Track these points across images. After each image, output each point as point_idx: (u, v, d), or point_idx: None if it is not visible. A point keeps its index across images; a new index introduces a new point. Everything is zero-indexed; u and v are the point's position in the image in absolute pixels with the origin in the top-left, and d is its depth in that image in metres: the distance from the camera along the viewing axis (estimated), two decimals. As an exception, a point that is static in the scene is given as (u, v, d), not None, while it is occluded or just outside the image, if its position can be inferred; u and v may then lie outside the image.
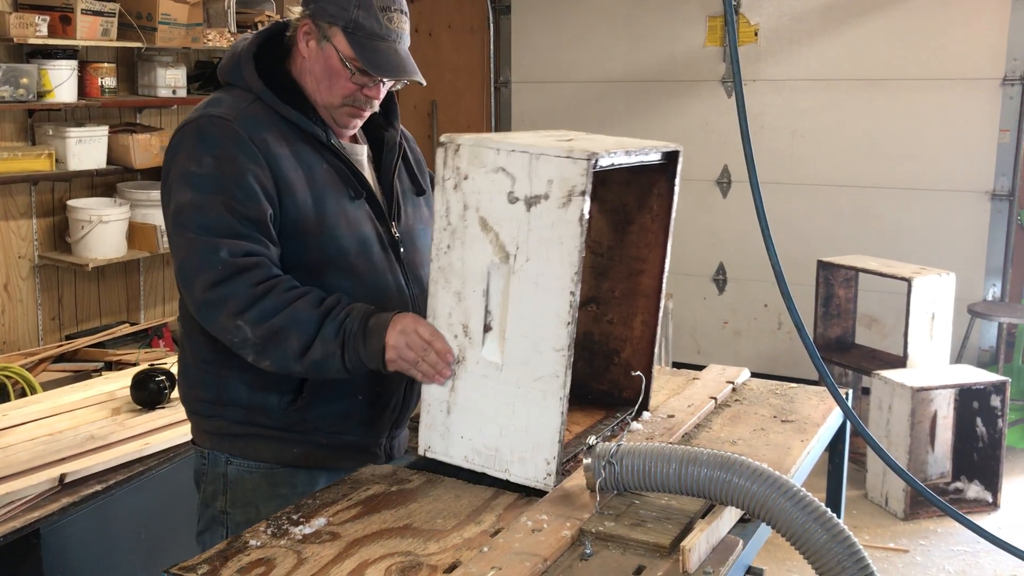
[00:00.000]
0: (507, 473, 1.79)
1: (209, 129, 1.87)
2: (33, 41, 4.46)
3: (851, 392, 2.91)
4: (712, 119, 6.29)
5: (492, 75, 6.98)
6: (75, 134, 4.70)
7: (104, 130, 4.88)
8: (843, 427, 2.38)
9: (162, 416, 3.11)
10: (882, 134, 5.86)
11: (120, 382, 3.47)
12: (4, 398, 3.79)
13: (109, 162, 4.92)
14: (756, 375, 2.57)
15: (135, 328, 5.10)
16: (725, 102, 6.24)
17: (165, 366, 3.35)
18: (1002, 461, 4.57)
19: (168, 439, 2.93)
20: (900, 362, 4.88)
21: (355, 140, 2.09)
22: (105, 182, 5.16)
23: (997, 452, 4.55)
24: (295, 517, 1.67)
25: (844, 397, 2.09)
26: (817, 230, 6.01)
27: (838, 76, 5.95)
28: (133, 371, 3.41)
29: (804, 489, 1.55)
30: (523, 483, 1.78)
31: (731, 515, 1.66)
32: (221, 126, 1.87)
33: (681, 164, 2.08)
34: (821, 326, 5.32)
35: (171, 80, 5.20)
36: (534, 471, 1.76)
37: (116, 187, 5.16)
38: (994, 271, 5.70)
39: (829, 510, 1.53)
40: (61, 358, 4.63)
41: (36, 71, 4.50)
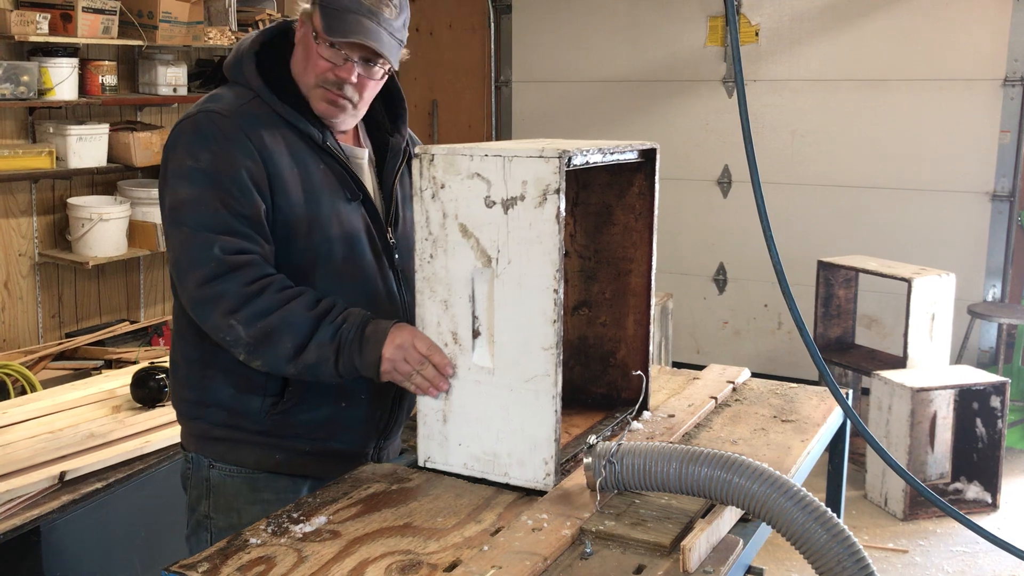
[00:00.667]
0: (506, 477, 1.79)
1: (206, 124, 1.87)
2: (34, 39, 4.47)
3: (851, 392, 2.90)
4: (713, 119, 6.29)
5: (493, 74, 6.98)
6: (76, 132, 4.70)
7: (105, 128, 4.88)
8: (843, 427, 2.38)
9: (162, 414, 3.12)
10: (883, 134, 5.86)
11: (120, 380, 3.48)
12: (4, 396, 3.79)
13: (110, 160, 4.93)
14: (756, 375, 2.57)
15: (135, 326, 5.12)
16: (726, 102, 6.24)
17: (165, 364, 3.35)
18: (1001, 462, 4.57)
19: (168, 437, 2.93)
20: (900, 362, 4.88)
21: (357, 143, 2.09)
22: (105, 180, 5.17)
23: (996, 453, 4.55)
24: (295, 515, 1.67)
25: (844, 396, 2.09)
26: (817, 230, 6.01)
27: (838, 76, 5.94)
28: (133, 369, 3.41)
29: (804, 489, 1.55)
30: (523, 486, 1.78)
31: (731, 515, 1.66)
32: (218, 122, 1.87)
33: (659, 161, 2.08)
34: (821, 326, 5.32)
35: (172, 78, 5.21)
36: (533, 472, 1.77)
37: (116, 185, 5.17)
38: (994, 272, 5.70)
39: (829, 510, 1.53)
40: (61, 356, 4.64)
41: (37, 69, 4.50)
